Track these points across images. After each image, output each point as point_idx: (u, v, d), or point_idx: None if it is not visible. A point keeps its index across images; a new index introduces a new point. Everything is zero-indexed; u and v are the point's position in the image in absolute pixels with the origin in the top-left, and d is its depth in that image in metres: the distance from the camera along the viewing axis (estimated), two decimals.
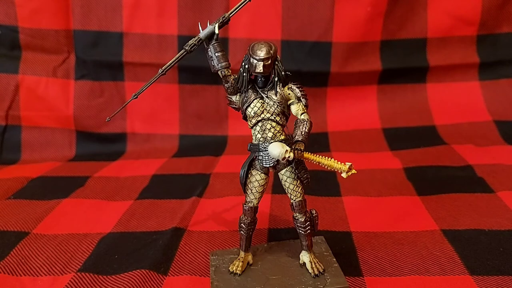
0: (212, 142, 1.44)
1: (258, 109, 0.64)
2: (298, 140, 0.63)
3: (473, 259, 0.74)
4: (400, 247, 0.78)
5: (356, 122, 1.47)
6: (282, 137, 0.65)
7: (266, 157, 0.66)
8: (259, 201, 0.69)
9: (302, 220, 0.68)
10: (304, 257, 0.70)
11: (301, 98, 0.65)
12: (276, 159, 0.63)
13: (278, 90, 0.64)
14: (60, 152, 1.41)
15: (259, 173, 0.67)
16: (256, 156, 0.67)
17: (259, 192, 0.68)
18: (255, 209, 0.69)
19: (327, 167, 0.63)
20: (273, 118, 0.64)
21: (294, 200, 0.67)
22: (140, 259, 0.78)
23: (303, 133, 0.63)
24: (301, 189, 0.67)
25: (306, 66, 1.43)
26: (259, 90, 0.65)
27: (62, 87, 1.43)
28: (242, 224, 0.70)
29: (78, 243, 0.86)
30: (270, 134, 0.65)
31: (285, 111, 0.65)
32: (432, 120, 1.44)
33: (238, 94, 0.66)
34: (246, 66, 0.64)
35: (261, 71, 0.62)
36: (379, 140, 1.38)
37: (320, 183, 1.06)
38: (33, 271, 0.77)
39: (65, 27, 1.40)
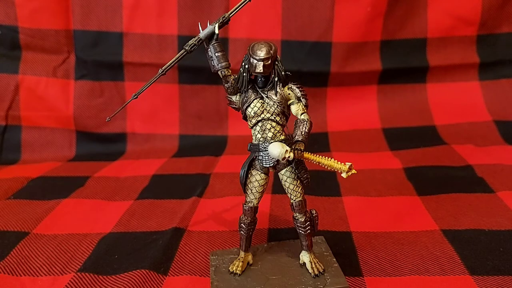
0: (212, 142, 1.44)
1: (258, 109, 0.64)
2: (298, 140, 0.63)
3: (473, 259, 0.74)
4: (400, 247, 0.78)
5: (356, 122, 1.47)
6: (282, 137, 0.65)
7: (266, 157, 0.66)
8: (259, 201, 0.69)
9: (302, 220, 0.68)
10: (304, 257, 0.70)
11: (301, 98, 0.65)
12: (276, 159, 0.63)
13: (278, 90, 0.64)
14: (60, 152, 1.41)
15: (259, 173, 0.67)
16: (256, 156, 0.67)
17: (259, 192, 0.68)
18: (255, 209, 0.69)
19: (327, 167, 0.63)
20: (273, 118, 0.64)
21: (294, 200, 0.67)
22: (140, 259, 0.78)
23: (303, 133, 0.63)
24: (301, 189, 0.67)
25: (306, 66, 1.43)
26: (259, 90, 0.65)
27: (62, 87, 1.43)
28: (242, 224, 0.70)
29: (78, 243, 0.86)
30: (270, 134, 0.65)
31: (285, 111, 0.65)
32: (432, 120, 1.44)
33: (238, 94, 0.66)
34: (246, 66, 0.64)
35: (261, 71, 0.62)
36: (379, 140, 1.38)
37: (320, 183, 1.06)
38: (33, 271, 0.77)
39: (65, 27, 1.40)
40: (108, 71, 1.44)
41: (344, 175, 0.63)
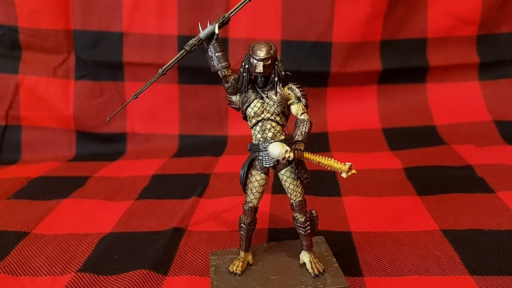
0: (212, 142, 1.44)
1: (258, 109, 0.64)
2: (298, 140, 0.63)
3: (473, 259, 0.74)
4: (400, 247, 0.78)
5: (356, 122, 1.47)
6: (282, 137, 0.65)
7: (266, 157, 0.66)
8: (259, 201, 0.69)
9: (302, 220, 0.68)
10: (304, 257, 0.70)
11: (301, 98, 0.65)
12: (276, 159, 0.63)
13: (278, 90, 0.64)
14: (60, 152, 1.41)
15: (259, 173, 0.67)
16: (256, 156, 0.67)
17: (259, 192, 0.68)
18: (255, 209, 0.69)
19: (327, 167, 0.63)
20: (273, 118, 0.64)
21: (294, 200, 0.67)
22: (140, 259, 0.78)
23: (303, 133, 0.63)
24: (301, 189, 0.67)
25: (306, 66, 1.43)
26: (259, 90, 0.65)
27: (62, 87, 1.43)
28: (242, 224, 0.70)
29: (78, 243, 0.86)
30: (270, 134, 0.65)
31: (285, 111, 0.65)
32: (432, 120, 1.44)
33: (238, 94, 0.66)
34: (246, 66, 0.64)
35: (261, 71, 0.62)
36: (379, 140, 1.38)
37: (320, 183, 1.06)
38: (33, 271, 0.77)
39: (65, 27, 1.40)
40: (108, 71, 1.44)
41: (344, 175, 0.63)
